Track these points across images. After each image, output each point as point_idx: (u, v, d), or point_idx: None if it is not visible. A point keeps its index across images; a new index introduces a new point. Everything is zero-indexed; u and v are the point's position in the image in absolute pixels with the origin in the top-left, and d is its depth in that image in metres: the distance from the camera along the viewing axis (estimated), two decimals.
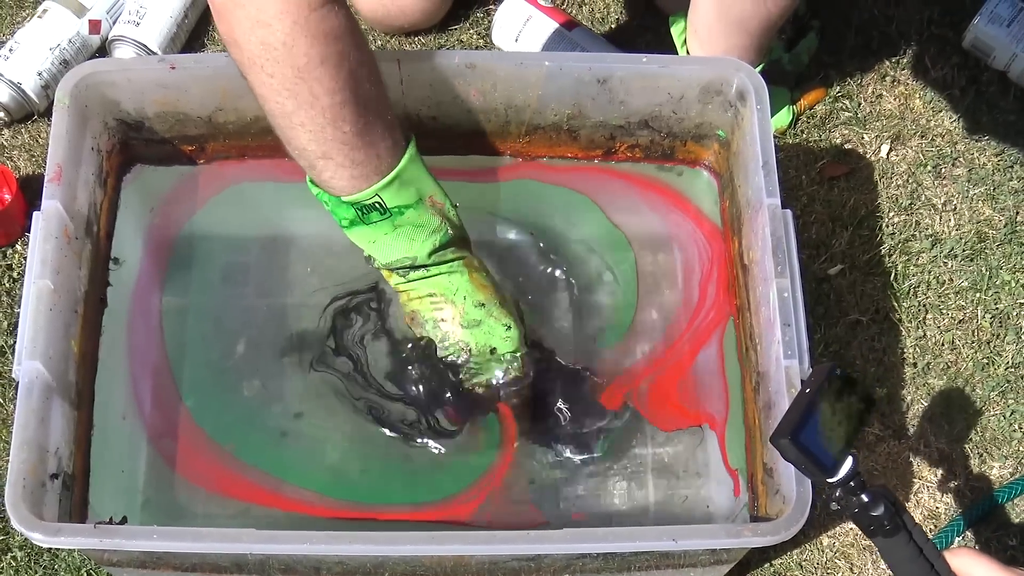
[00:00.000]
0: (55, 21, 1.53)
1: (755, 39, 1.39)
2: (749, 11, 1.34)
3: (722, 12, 1.37)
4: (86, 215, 1.21)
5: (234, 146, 1.32)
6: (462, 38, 1.61)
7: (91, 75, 1.21)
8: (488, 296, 1.18)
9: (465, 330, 1.17)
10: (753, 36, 1.38)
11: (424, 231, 1.12)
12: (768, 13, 1.34)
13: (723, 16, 1.37)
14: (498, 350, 1.18)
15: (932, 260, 1.48)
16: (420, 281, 1.16)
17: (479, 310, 1.17)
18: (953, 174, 1.54)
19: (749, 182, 1.21)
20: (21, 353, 1.10)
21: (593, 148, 1.34)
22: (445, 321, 1.17)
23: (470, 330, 1.17)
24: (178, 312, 1.30)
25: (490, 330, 1.18)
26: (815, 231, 1.49)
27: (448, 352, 1.19)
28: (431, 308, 1.17)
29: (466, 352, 1.18)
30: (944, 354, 1.44)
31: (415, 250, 1.13)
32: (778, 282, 1.15)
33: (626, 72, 1.24)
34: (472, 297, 1.17)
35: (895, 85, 1.59)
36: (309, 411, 1.25)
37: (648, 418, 1.27)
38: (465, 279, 1.17)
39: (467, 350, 1.18)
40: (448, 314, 1.17)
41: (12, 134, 1.52)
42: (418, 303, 1.18)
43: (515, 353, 1.19)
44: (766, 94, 1.21)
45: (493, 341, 1.18)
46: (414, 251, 1.13)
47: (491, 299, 1.18)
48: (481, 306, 1.17)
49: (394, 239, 1.12)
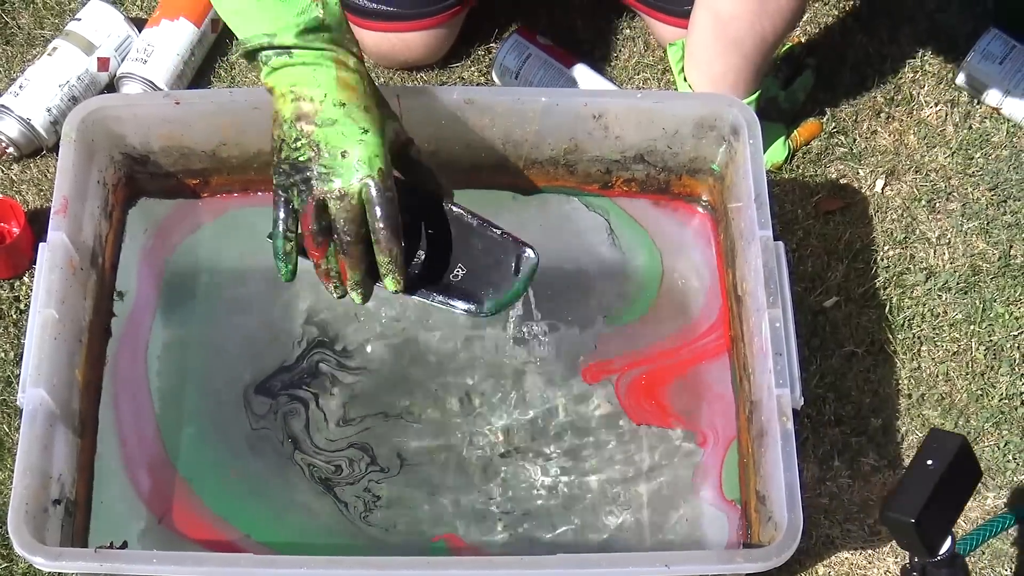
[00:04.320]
0: (65, 58, 1.56)
1: (751, 61, 1.42)
2: (744, 32, 1.37)
3: (718, 34, 1.40)
4: (91, 247, 1.24)
5: (237, 179, 1.35)
6: (463, 75, 1.64)
7: (98, 110, 1.24)
8: (351, 97, 1.07)
9: (318, 128, 1.06)
10: (749, 58, 1.41)
11: (291, 8, 1.05)
12: (764, 33, 1.37)
13: (719, 39, 1.40)
14: (350, 154, 1.05)
15: (927, 293, 1.50)
16: (282, 70, 1.07)
17: (337, 109, 1.06)
18: (947, 208, 1.56)
19: (742, 214, 1.23)
20: (25, 381, 1.12)
21: (590, 182, 1.36)
22: (301, 120, 1.06)
23: (323, 128, 1.06)
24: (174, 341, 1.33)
25: (344, 131, 1.06)
26: (811, 264, 1.51)
27: (295, 150, 1.06)
28: (291, 104, 1.06)
29: (314, 150, 1.06)
30: (939, 385, 1.45)
31: (277, 27, 1.05)
32: (770, 312, 1.17)
33: (621, 107, 1.27)
34: (333, 95, 1.06)
35: (890, 121, 1.61)
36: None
37: (623, 406, 1.31)
38: (331, 75, 1.06)
39: (315, 148, 1.06)
40: (307, 110, 1.06)
41: (21, 169, 1.55)
42: (280, 101, 1.07)
43: (372, 160, 1.06)
44: (758, 129, 1.23)
45: (346, 143, 1.05)
46: (275, 27, 1.05)
47: (354, 101, 1.07)
48: (341, 106, 1.06)
49: (258, 9, 1.05)
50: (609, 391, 1.32)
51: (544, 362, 1.33)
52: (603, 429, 1.30)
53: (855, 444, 1.41)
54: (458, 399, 1.31)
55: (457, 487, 1.27)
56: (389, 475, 1.27)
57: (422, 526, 1.26)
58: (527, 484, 1.28)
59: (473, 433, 1.29)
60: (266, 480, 1.26)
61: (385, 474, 1.27)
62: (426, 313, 1.35)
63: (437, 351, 1.34)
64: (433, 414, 1.30)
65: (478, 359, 1.33)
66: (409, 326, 1.34)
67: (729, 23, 1.38)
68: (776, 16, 1.37)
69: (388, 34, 1.57)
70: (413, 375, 1.32)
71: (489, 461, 1.28)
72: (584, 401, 1.31)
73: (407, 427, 1.29)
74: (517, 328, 1.34)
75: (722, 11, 1.38)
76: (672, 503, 1.27)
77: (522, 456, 1.29)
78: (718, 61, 1.42)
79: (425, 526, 1.25)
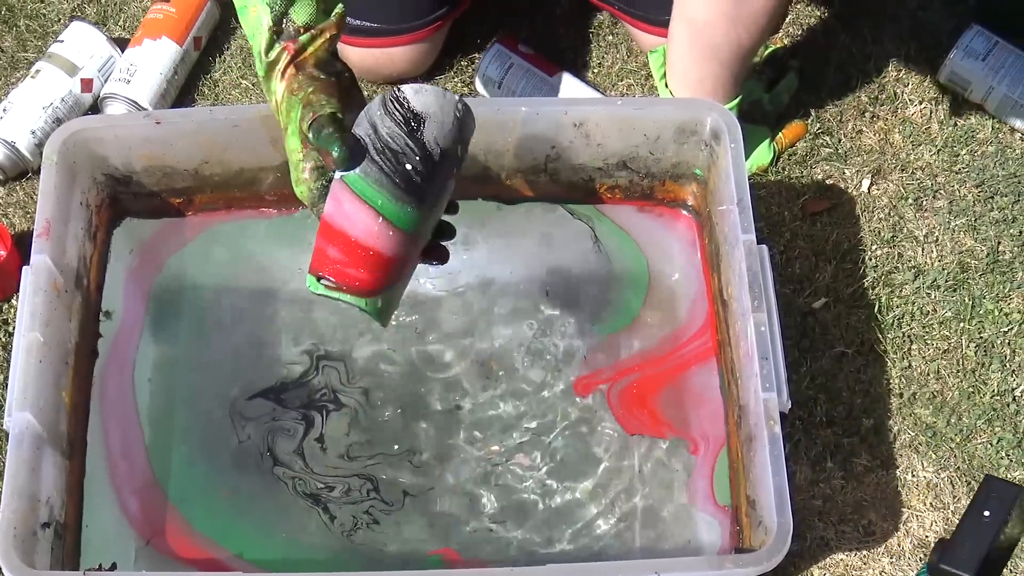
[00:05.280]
0: (48, 80, 1.56)
1: (728, 68, 1.41)
2: (720, 39, 1.37)
3: (695, 41, 1.40)
4: (76, 268, 1.24)
5: (221, 197, 1.35)
6: (447, 85, 1.64)
7: (79, 132, 1.24)
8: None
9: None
10: (726, 65, 1.41)
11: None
12: (739, 40, 1.37)
13: (695, 46, 1.40)
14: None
15: (915, 291, 1.50)
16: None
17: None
18: (934, 206, 1.55)
19: (725, 219, 1.23)
20: (11, 404, 1.12)
21: (574, 190, 1.36)
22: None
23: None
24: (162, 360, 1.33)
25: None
26: (799, 266, 1.51)
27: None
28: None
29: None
30: (930, 384, 1.45)
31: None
32: (755, 316, 1.17)
33: (601, 115, 1.27)
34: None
35: (874, 120, 1.61)
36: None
37: (616, 417, 1.31)
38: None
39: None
40: None
41: (7, 192, 1.55)
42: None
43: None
44: (739, 133, 1.23)
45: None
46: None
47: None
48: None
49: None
50: (601, 402, 1.32)
51: (534, 372, 1.33)
52: (596, 440, 1.30)
53: (847, 445, 1.41)
54: (448, 410, 1.31)
55: (450, 499, 1.27)
56: (384, 495, 1.27)
57: (417, 542, 1.25)
58: (520, 495, 1.28)
59: (464, 443, 1.29)
60: (256, 499, 1.26)
61: (379, 494, 1.27)
62: (420, 325, 1.36)
63: (428, 360, 1.34)
64: (424, 426, 1.30)
65: (469, 368, 1.33)
66: (403, 339, 1.34)
67: (704, 30, 1.38)
68: (751, 23, 1.37)
69: (372, 49, 1.58)
70: (405, 389, 1.33)
71: (481, 472, 1.28)
72: (577, 412, 1.31)
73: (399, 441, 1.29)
74: (508, 339, 1.35)
75: (697, 19, 1.38)
76: (665, 510, 1.27)
77: (515, 466, 1.29)
78: (696, 68, 1.42)
79: (420, 543, 1.25)
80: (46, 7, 1.69)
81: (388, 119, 1.01)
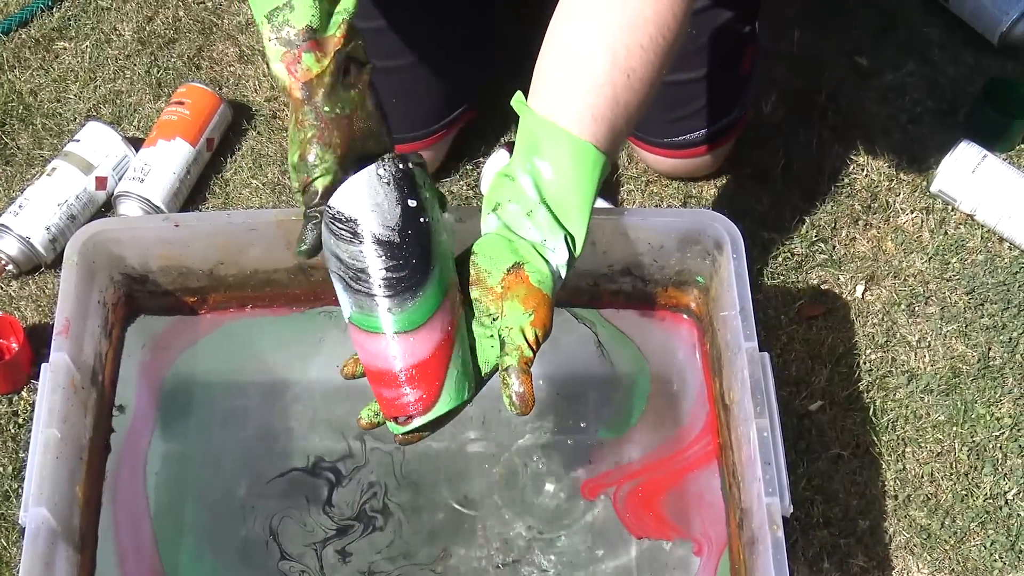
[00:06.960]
0: (63, 178, 1.60)
1: None
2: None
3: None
4: (91, 365, 1.26)
5: (234, 296, 1.38)
6: (452, 189, 1.68)
7: (99, 233, 1.27)
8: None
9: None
10: None
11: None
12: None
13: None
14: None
15: (909, 395, 1.53)
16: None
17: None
18: (926, 312, 1.60)
19: (727, 326, 1.27)
20: (28, 500, 1.14)
21: (579, 295, 1.40)
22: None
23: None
24: (172, 454, 1.35)
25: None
26: (795, 369, 1.54)
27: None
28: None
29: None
30: (924, 486, 1.48)
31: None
32: (758, 422, 1.19)
33: (607, 224, 1.31)
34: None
35: (867, 228, 1.66)
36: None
37: (622, 520, 1.32)
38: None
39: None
40: None
41: (20, 285, 1.58)
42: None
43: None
44: (741, 243, 1.27)
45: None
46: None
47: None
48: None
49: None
50: (607, 505, 1.33)
51: (540, 477, 1.35)
52: (602, 543, 1.31)
53: (843, 546, 1.43)
54: (455, 509, 1.33)
55: None
56: None
57: None
58: None
59: (471, 544, 1.31)
60: None
61: None
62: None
63: (433, 460, 1.36)
64: (427, 525, 1.32)
65: (475, 471, 1.35)
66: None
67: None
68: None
69: None
70: (410, 479, 1.34)
71: (487, 573, 1.30)
72: (583, 516, 1.33)
73: (402, 535, 1.31)
74: (512, 443, 1.37)
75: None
76: None
77: (524, 567, 1.30)
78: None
79: None
80: (62, 107, 1.74)
81: (341, 243, 1.01)
